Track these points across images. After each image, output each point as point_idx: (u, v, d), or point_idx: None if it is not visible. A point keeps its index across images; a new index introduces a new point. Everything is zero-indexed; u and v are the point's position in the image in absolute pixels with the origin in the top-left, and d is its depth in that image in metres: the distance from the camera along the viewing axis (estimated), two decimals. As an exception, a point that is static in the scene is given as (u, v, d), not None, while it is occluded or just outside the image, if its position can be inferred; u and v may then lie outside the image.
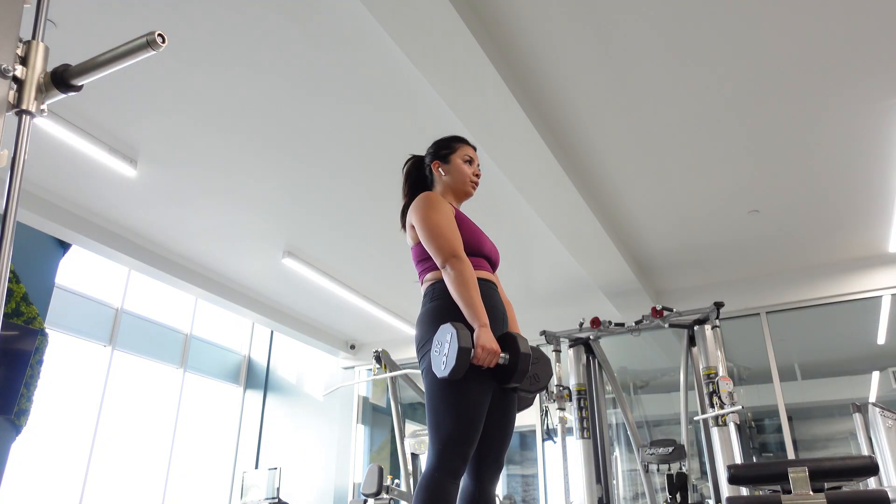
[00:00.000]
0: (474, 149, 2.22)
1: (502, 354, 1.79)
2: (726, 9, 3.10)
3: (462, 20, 2.92)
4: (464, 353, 1.68)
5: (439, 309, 1.90)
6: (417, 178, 2.22)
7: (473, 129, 3.75)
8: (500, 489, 7.06)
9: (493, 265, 2.12)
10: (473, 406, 1.79)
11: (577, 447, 4.82)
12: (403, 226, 2.14)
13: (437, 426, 1.78)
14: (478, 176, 2.19)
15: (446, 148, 2.18)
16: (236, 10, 3.15)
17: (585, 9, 3.10)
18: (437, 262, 1.91)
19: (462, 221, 2.03)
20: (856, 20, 3.17)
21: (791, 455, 5.62)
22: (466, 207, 2.36)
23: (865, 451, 3.93)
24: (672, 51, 3.37)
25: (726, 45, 3.33)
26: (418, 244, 2.02)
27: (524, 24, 3.19)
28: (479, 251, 2.03)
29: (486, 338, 1.75)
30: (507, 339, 1.84)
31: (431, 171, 2.18)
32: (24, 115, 0.94)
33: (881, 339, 5.87)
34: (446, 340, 1.73)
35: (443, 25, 2.94)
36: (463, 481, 1.87)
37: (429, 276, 2.00)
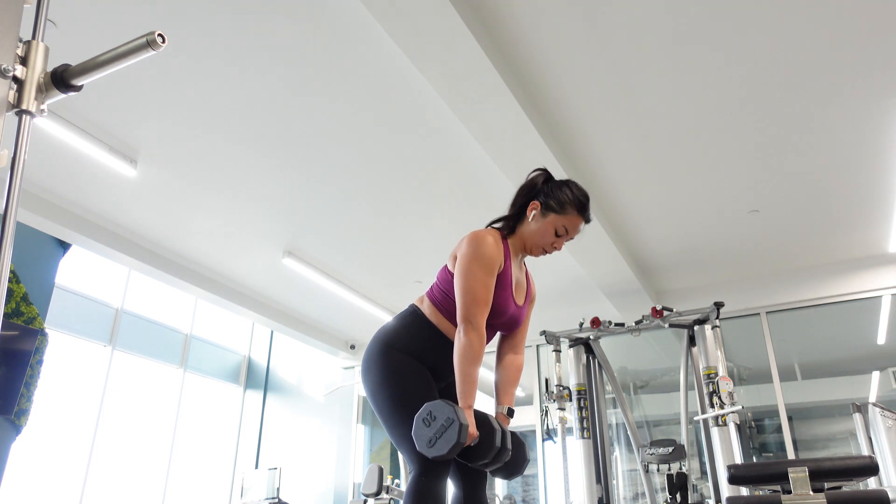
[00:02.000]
0: (585, 221, 1.99)
1: (476, 436, 1.77)
2: (726, 10, 3.10)
3: (462, 20, 2.92)
4: (457, 447, 1.68)
5: (401, 337, 1.91)
6: (527, 197, 2.02)
7: (473, 129, 3.75)
8: (500, 489, 7.06)
9: (509, 329, 2.06)
10: (423, 401, 1.82)
11: (577, 447, 4.82)
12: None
13: (403, 437, 1.80)
14: (556, 249, 2.00)
15: (557, 203, 1.96)
16: (236, 10, 3.15)
17: (586, 10, 3.10)
18: (458, 315, 1.85)
19: (502, 284, 1.92)
20: (856, 20, 3.17)
21: (791, 455, 5.62)
22: (467, 209, 2.35)
23: (865, 451, 3.93)
24: (673, 51, 3.37)
25: (726, 45, 3.32)
26: (452, 275, 1.94)
27: (524, 23, 3.19)
28: (494, 320, 1.94)
29: (469, 420, 1.74)
30: (484, 426, 1.79)
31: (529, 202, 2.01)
32: (24, 115, 0.94)
33: (881, 339, 5.87)
34: (442, 423, 1.70)
35: (443, 25, 2.94)
36: (451, 491, 1.89)
37: (428, 302, 1.98)
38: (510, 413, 2.00)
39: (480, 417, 1.81)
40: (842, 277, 5.92)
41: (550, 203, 1.97)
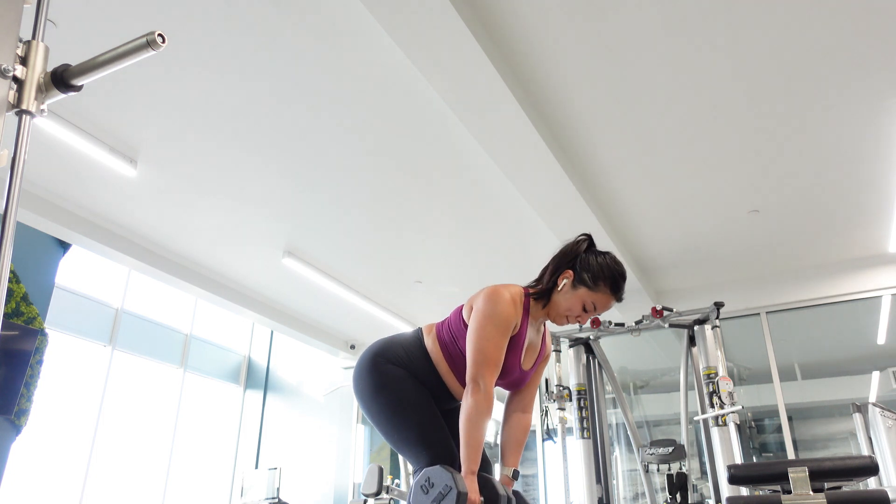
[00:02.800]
0: (617, 300, 1.93)
1: (480, 500, 1.74)
2: (727, 10, 3.10)
3: (462, 20, 2.92)
4: None
5: (403, 370, 1.90)
6: (560, 265, 1.95)
7: (473, 129, 3.75)
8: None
9: (509, 389, 2.03)
10: (419, 405, 1.83)
11: (577, 447, 4.82)
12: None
13: (403, 441, 1.81)
14: (580, 322, 1.95)
15: (591, 277, 1.89)
16: (236, 9, 3.15)
17: (587, 12, 3.10)
18: (467, 373, 1.80)
19: (514, 345, 1.88)
20: (856, 20, 3.16)
21: (791, 455, 5.62)
22: (467, 209, 2.35)
23: (865, 451, 3.93)
24: (673, 52, 3.36)
25: (726, 45, 3.32)
26: (464, 324, 1.90)
27: (526, 26, 3.19)
28: (498, 381, 1.91)
29: (470, 487, 1.70)
30: (488, 491, 1.75)
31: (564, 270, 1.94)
32: (24, 115, 0.94)
33: (881, 339, 5.87)
34: (441, 490, 1.68)
35: (443, 25, 2.94)
36: None
37: (434, 336, 1.95)
38: (515, 476, 1.96)
39: (483, 482, 1.77)
40: (842, 277, 5.92)
41: (584, 276, 1.89)
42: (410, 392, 1.86)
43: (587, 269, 1.90)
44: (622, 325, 4.98)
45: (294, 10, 3.14)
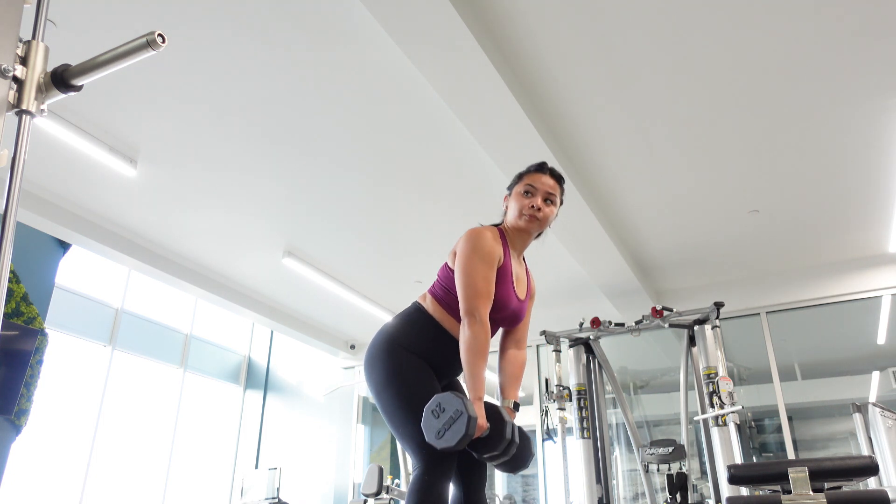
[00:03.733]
0: (547, 173, 2.03)
1: (486, 428, 1.77)
2: (727, 10, 3.10)
3: (461, 19, 2.92)
4: (466, 439, 1.67)
5: (407, 335, 1.91)
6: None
7: (473, 129, 3.75)
8: (500, 489, 7.07)
9: (511, 324, 2.06)
10: (428, 398, 1.82)
11: (577, 447, 4.82)
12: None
13: (407, 435, 1.80)
14: (536, 208, 1.98)
15: (515, 180, 2.07)
16: (236, 10, 3.15)
17: (586, 10, 3.10)
18: (461, 309, 1.85)
19: (502, 277, 1.93)
20: (856, 20, 3.17)
21: (791, 455, 5.62)
22: (468, 209, 2.35)
23: (865, 451, 3.93)
24: (673, 51, 3.37)
25: (727, 45, 3.32)
26: (452, 271, 1.94)
27: (525, 24, 3.19)
28: (497, 314, 1.94)
29: (478, 412, 1.73)
30: (494, 417, 1.79)
31: None
32: (24, 115, 0.94)
33: (881, 339, 5.87)
34: (451, 415, 1.69)
35: (442, 25, 2.94)
36: (451, 491, 1.88)
37: (431, 299, 1.98)
38: (516, 407, 2.01)
39: (490, 409, 1.81)
40: (842, 277, 5.92)
41: (510, 186, 2.09)
42: (423, 386, 1.84)
43: (511, 184, 2.10)
44: (622, 325, 4.98)
45: (294, 11, 3.14)
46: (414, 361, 1.88)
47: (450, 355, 1.91)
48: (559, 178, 2.06)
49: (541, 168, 2.05)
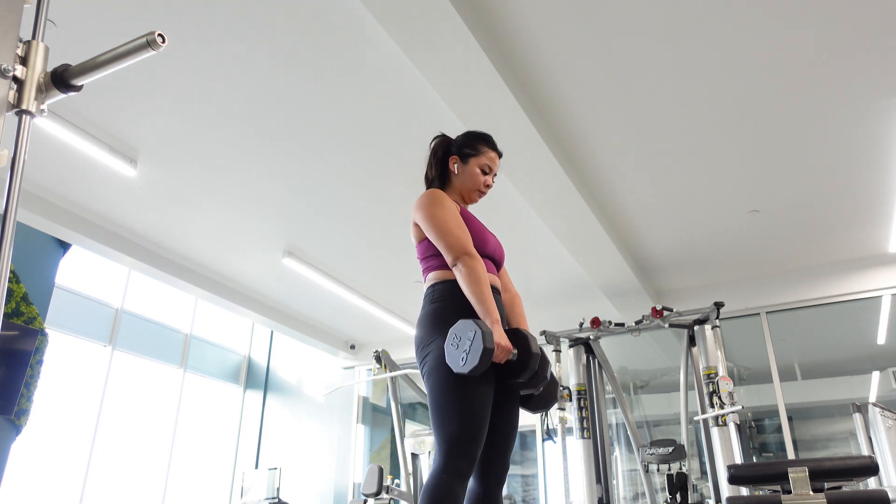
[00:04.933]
0: (499, 155, 2.18)
1: (513, 351, 1.78)
2: (726, 10, 3.10)
3: (461, 18, 2.92)
4: (488, 353, 1.66)
5: (440, 311, 1.89)
6: (443, 157, 2.17)
7: (472, 128, 3.74)
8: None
9: (498, 264, 2.11)
10: (479, 405, 1.77)
11: (577, 447, 4.82)
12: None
13: (443, 426, 1.75)
14: (488, 187, 2.15)
15: (470, 148, 2.13)
16: (236, 10, 3.15)
17: (585, 10, 3.10)
18: (448, 259, 1.89)
19: (468, 220, 2.01)
20: (855, 20, 3.17)
21: (791, 455, 5.62)
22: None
23: (865, 451, 3.93)
24: (672, 51, 3.37)
25: (727, 46, 3.32)
26: (422, 241, 2.00)
27: (524, 21, 3.19)
28: (483, 251, 2.00)
29: (499, 335, 1.74)
30: (518, 336, 1.82)
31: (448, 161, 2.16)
32: (24, 115, 0.94)
33: (881, 339, 5.87)
34: (468, 338, 1.69)
35: (442, 25, 2.94)
36: (469, 484, 1.85)
37: (431, 275, 1.97)
38: None
39: (512, 331, 1.82)
40: (842, 277, 5.92)
41: (465, 151, 2.13)
42: (481, 393, 1.78)
43: (466, 146, 2.14)
44: (622, 325, 4.98)
45: (294, 11, 3.15)
46: (485, 372, 1.81)
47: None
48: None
49: (495, 147, 2.16)
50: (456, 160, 2.13)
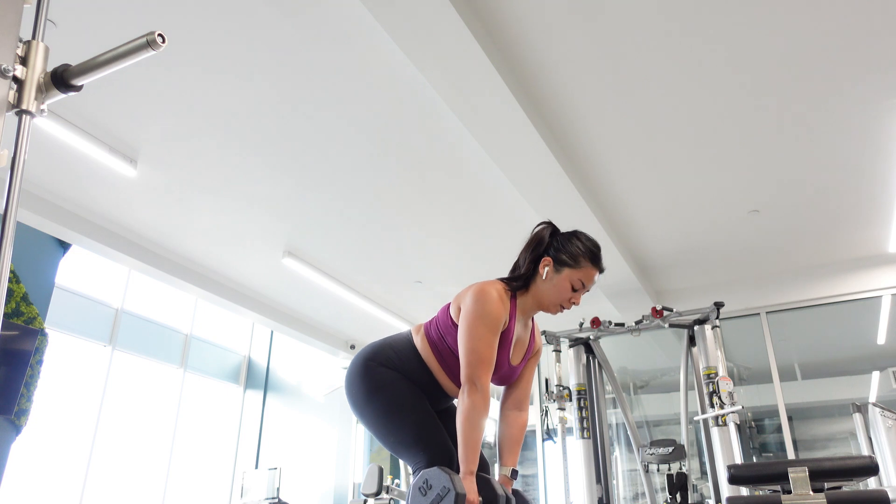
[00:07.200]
0: (599, 271, 1.95)
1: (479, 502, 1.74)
2: (727, 10, 3.10)
3: (462, 19, 2.92)
4: None
5: (394, 378, 1.88)
6: (537, 254, 1.96)
7: (473, 129, 3.75)
8: (500, 489, 7.05)
9: (498, 384, 2.02)
10: (414, 406, 1.82)
11: (577, 447, 4.82)
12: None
13: (399, 442, 1.80)
14: (574, 304, 1.93)
15: (570, 258, 1.90)
16: (236, 10, 3.15)
17: (586, 9, 3.10)
18: (461, 375, 1.80)
19: (502, 342, 1.87)
20: (856, 20, 3.16)
21: (791, 455, 5.62)
22: (467, 209, 2.34)
23: (865, 451, 3.93)
24: (673, 51, 3.36)
25: (727, 46, 3.32)
26: (452, 322, 1.89)
27: (524, 22, 3.19)
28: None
29: (469, 487, 1.69)
30: (487, 490, 1.75)
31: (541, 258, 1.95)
32: (24, 115, 0.94)
33: (881, 339, 5.87)
34: (438, 492, 1.66)
35: (442, 25, 2.94)
36: None
37: (422, 335, 1.95)
38: (514, 475, 1.95)
39: (482, 483, 1.76)
40: (842, 277, 5.92)
41: (563, 258, 1.91)
42: (404, 393, 1.85)
43: (564, 251, 1.92)
44: (622, 325, 4.98)
45: (293, 11, 3.14)
46: (391, 375, 1.87)
47: (431, 389, 1.91)
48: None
49: (597, 262, 1.94)
50: (549, 264, 1.92)
